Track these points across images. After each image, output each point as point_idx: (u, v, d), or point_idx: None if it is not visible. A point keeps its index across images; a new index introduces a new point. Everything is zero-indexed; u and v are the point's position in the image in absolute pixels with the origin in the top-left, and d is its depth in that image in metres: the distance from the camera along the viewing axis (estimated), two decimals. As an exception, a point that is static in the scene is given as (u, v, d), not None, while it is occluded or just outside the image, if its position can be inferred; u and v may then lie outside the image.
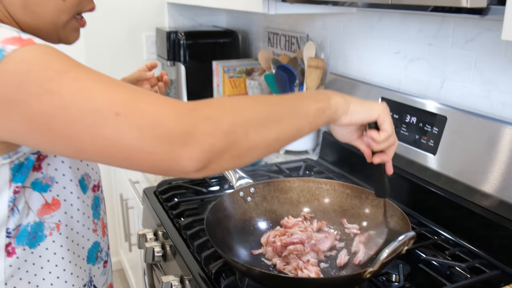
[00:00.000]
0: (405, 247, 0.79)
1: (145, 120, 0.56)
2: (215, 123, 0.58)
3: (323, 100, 0.73)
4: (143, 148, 0.56)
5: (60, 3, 0.74)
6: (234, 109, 0.62)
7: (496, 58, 1.09)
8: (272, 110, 0.66)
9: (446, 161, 1.11)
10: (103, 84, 0.59)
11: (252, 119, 0.63)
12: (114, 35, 2.35)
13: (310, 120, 0.71)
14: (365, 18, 1.49)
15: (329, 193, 1.04)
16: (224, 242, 0.91)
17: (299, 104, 0.71)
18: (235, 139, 0.59)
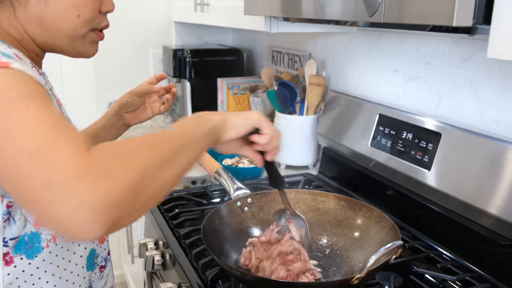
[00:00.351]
0: (393, 256, 0.81)
1: (50, 170, 0.55)
2: (111, 180, 0.56)
3: (207, 123, 0.77)
4: (41, 196, 0.54)
5: (75, 19, 0.79)
6: (131, 159, 0.60)
7: (490, 77, 1.12)
8: (165, 150, 0.66)
9: (440, 176, 1.13)
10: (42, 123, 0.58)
11: (150, 164, 0.61)
12: (123, 51, 2.41)
13: (201, 146, 0.74)
14: (364, 38, 1.53)
15: (324, 204, 1.06)
16: (220, 249, 0.94)
17: (188, 134, 0.73)
18: (135, 191, 0.57)
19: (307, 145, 1.67)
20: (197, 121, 0.77)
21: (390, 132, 1.30)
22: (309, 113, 1.66)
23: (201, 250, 1.07)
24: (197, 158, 0.73)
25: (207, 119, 0.78)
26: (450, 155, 1.11)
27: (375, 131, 1.35)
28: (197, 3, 1.93)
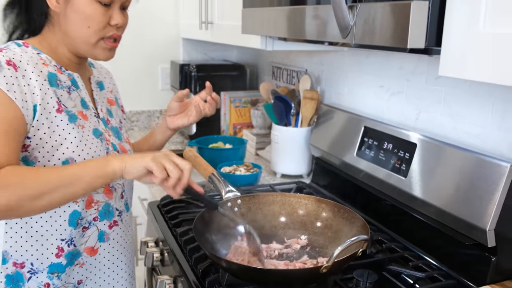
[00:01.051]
0: (360, 249, 0.91)
1: None
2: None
3: (101, 168, 0.94)
4: None
5: (86, 29, 1.04)
6: (15, 187, 0.88)
7: (462, 93, 1.23)
8: (47, 185, 0.90)
9: (415, 183, 1.23)
10: None
11: (27, 194, 0.89)
12: (134, 65, 2.56)
13: (84, 187, 0.94)
14: (355, 56, 1.64)
15: (307, 206, 1.17)
16: (209, 243, 1.05)
17: (76, 174, 0.93)
18: (9, 209, 0.88)
19: (301, 156, 1.77)
20: (95, 165, 0.95)
21: (373, 143, 1.40)
22: (303, 125, 1.77)
23: (195, 246, 1.18)
24: (75, 195, 0.95)
25: (102, 165, 0.95)
26: (424, 163, 1.22)
27: (360, 142, 1.46)
28: (202, 21, 2.07)
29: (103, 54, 1.09)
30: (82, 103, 1.11)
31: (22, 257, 1.04)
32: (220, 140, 1.97)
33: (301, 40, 1.49)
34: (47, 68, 1.04)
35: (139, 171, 0.95)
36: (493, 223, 1.02)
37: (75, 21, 1.04)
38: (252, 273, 0.91)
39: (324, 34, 1.07)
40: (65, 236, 1.06)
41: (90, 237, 1.10)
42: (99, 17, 1.04)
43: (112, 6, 1.06)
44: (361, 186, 1.45)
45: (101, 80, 1.25)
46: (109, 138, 1.15)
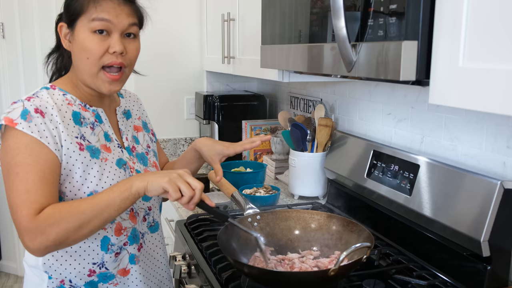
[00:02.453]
0: (364, 256, 1.04)
1: (16, 223, 1.03)
2: (46, 237, 1.00)
3: (126, 191, 1.04)
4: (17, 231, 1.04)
5: (85, 60, 1.11)
6: (60, 225, 1.00)
7: (459, 119, 1.36)
8: (84, 217, 1.02)
9: (419, 201, 1.35)
10: (20, 186, 1.03)
11: (69, 229, 1.01)
12: (161, 96, 2.75)
13: (116, 209, 1.04)
14: (365, 86, 1.79)
15: (319, 221, 1.30)
16: (231, 252, 1.18)
17: (106, 201, 1.03)
18: (60, 243, 1.02)
19: (316, 179, 1.91)
20: (120, 188, 1.05)
21: (381, 165, 1.53)
22: (318, 150, 1.91)
23: (219, 258, 1.32)
24: (110, 218, 1.05)
25: (128, 187, 1.05)
26: (426, 182, 1.34)
27: (370, 164, 1.59)
28: (224, 56, 2.25)
29: (104, 87, 1.14)
30: (105, 137, 1.20)
31: (61, 275, 1.16)
32: (242, 165, 2.12)
33: (315, 73, 1.64)
34: (72, 107, 1.14)
35: (158, 190, 1.05)
36: (487, 234, 1.13)
37: (78, 54, 1.12)
38: (269, 276, 1.04)
39: (334, 69, 1.22)
40: (96, 260, 1.17)
41: (122, 260, 1.21)
42: (95, 47, 1.10)
43: (112, 36, 1.11)
44: (371, 205, 1.57)
45: (129, 109, 1.33)
46: (133, 166, 1.23)
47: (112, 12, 1.11)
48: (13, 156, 1.03)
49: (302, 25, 1.36)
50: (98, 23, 1.10)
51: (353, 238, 1.22)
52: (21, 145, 1.04)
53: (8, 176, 1.04)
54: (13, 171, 1.03)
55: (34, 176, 1.03)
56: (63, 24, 1.16)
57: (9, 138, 1.05)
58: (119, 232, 1.19)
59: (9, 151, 1.04)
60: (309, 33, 1.33)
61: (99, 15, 1.10)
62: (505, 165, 1.21)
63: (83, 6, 1.11)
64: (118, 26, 1.11)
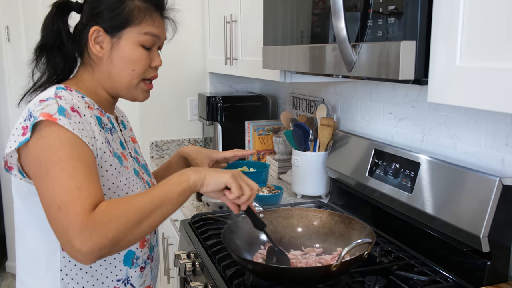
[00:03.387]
0: (365, 252, 1.06)
1: (65, 222, 0.88)
2: (104, 234, 0.88)
3: (184, 183, 0.98)
4: (59, 236, 0.90)
5: (131, 72, 1.11)
6: (120, 220, 0.90)
7: (459, 117, 1.38)
8: (145, 210, 0.93)
9: (420, 198, 1.37)
10: (68, 182, 0.91)
11: (129, 224, 0.90)
12: (165, 98, 2.78)
13: (175, 203, 0.97)
14: (366, 86, 1.81)
15: (321, 219, 1.32)
16: (235, 249, 1.21)
17: (165, 194, 0.96)
18: (118, 241, 0.89)
19: (319, 178, 1.93)
20: (177, 181, 0.99)
21: (382, 163, 1.55)
22: (320, 150, 1.93)
23: (223, 255, 1.34)
24: (169, 212, 0.97)
25: (185, 179, 0.99)
26: (427, 180, 1.36)
27: (371, 163, 1.61)
28: (227, 58, 2.28)
29: (142, 95, 1.15)
30: (121, 144, 1.16)
31: None
32: (245, 165, 2.14)
33: (316, 74, 1.66)
34: (92, 111, 1.07)
35: (218, 185, 1.01)
36: (487, 230, 1.15)
37: (120, 65, 1.09)
38: (273, 272, 1.07)
39: (335, 69, 1.24)
40: (120, 276, 1.10)
41: (147, 277, 1.17)
42: (143, 61, 1.10)
43: (153, 49, 1.13)
44: (373, 204, 1.59)
45: (122, 119, 1.29)
46: (143, 176, 1.20)
47: (162, 29, 1.14)
48: (54, 152, 0.93)
49: (303, 26, 1.39)
50: (150, 39, 1.10)
51: (355, 235, 1.24)
52: (64, 140, 0.94)
53: (49, 174, 0.92)
54: (56, 167, 0.91)
55: (82, 171, 0.93)
56: (99, 29, 1.08)
57: (48, 133, 0.94)
58: (143, 245, 1.15)
59: (48, 146, 0.93)
60: (310, 34, 1.35)
61: (153, 30, 1.11)
62: (504, 162, 1.23)
63: (134, 16, 1.08)
64: (160, 42, 1.15)
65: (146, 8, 1.11)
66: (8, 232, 3.60)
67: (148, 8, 1.11)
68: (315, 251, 1.29)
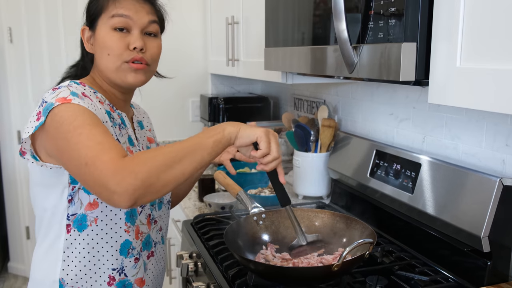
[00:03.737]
0: (367, 252, 1.07)
1: (96, 173, 0.92)
2: (135, 175, 0.90)
3: (218, 133, 1.01)
4: (96, 190, 0.94)
5: (107, 57, 1.13)
6: (149, 162, 0.92)
7: (460, 118, 1.39)
8: (176, 154, 0.95)
9: (421, 199, 1.38)
10: (89, 141, 0.95)
11: (161, 165, 0.93)
12: (167, 99, 2.80)
13: (209, 152, 0.99)
14: (367, 87, 1.82)
15: (323, 220, 1.33)
16: (237, 249, 1.22)
17: (198, 142, 0.99)
18: (150, 183, 0.91)
19: (320, 179, 1.94)
20: (211, 131, 1.02)
21: (384, 164, 1.56)
22: (322, 150, 1.94)
23: (225, 256, 1.35)
24: (203, 161, 0.99)
25: (220, 130, 1.02)
26: (428, 181, 1.37)
27: (373, 164, 1.61)
28: (229, 59, 2.29)
29: (130, 77, 1.14)
30: (129, 141, 1.19)
31: (77, 283, 1.11)
32: (247, 166, 2.15)
33: (318, 75, 1.67)
34: (103, 106, 1.12)
35: (250, 137, 1.04)
36: (487, 230, 1.16)
37: (99, 53, 1.14)
38: (275, 272, 1.08)
39: (336, 70, 1.25)
40: (116, 266, 1.13)
41: (140, 268, 1.19)
42: (115, 43, 1.11)
43: (132, 33, 1.13)
44: (375, 204, 1.60)
45: (141, 120, 1.34)
46: None
47: (132, 9, 1.13)
48: (70, 122, 0.97)
49: (305, 28, 1.40)
50: (118, 20, 1.12)
51: (356, 235, 1.25)
52: (78, 111, 0.99)
53: (70, 142, 0.96)
54: (74, 134, 0.96)
55: (100, 131, 0.97)
56: (85, 28, 1.17)
57: (62, 110, 0.99)
58: (138, 236, 1.18)
59: (64, 120, 0.98)
60: (312, 35, 1.36)
61: (119, 11, 1.12)
62: (504, 162, 1.24)
63: (103, 5, 1.14)
64: (137, 23, 1.13)
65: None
66: (10, 234, 3.61)
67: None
68: (317, 251, 1.29)
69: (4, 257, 3.74)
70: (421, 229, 1.38)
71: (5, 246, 3.70)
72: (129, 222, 1.15)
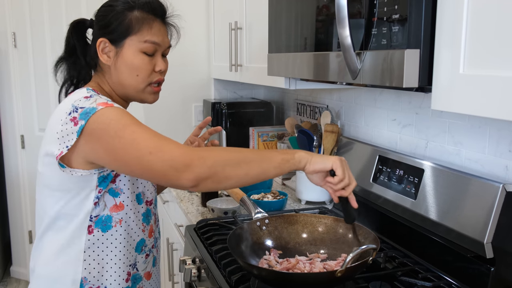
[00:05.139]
0: (370, 257, 1.07)
1: (165, 157, 0.98)
2: (203, 161, 0.97)
3: (288, 153, 1.07)
4: (163, 171, 0.99)
5: (136, 78, 1.19)
6: (218, 153, 1.00)
7: (463, 124, 1.39)
8: (245, 156, 1.03)
9: (424, 205, 1.38)
10: (146, 135, 1.02)
11: (229, 160, 1.00)
12: (170, 104, 2.80)
13: (275, 166, 1.05)
14: (370, 93, 1.83)
15: (326, 225, 1.33)
16: (241, 255, 1.22)
17: (268, 155, 1.06)
18: (215, 171, 0.98)
19: (323, 184, 1.94)
20: (284, 150, 1.10)
21: (386, 170, 1.56)
22: (325, 156, 1.94)
23: (229, 261, 1.35)
24: (267, 172, 1.05)
25: (292, 152, 1.09)
26: (431, 187, 1.37)
27: (375, 169, 1.62)
28: (232, 64, 2.30)
29: (151, 98, 1.24)
30: None
31: (98, 281, 1.17)
32: (249, 171, 2.15)
33: (321, 80, 1.68)
34: None
35: (326, 165, 1.10)
36: (490, 236, 1.16)
37: (125, 71, 1.18)
38: (279, 277, 1.08)
39: (339, 76, 1.25)
40: (131, 261, 1.21)
41: (149, 263, 1.27)
42: (145, 66, 1.18)
43: (156, 55, 1.21)
44: (378, 210, 1.60)
45: None
46: None
47: (160, 35, 1.20)
48: (118, 121, 1.03)
49: (308, 34, 1.40)
50: (150, 46, 1.18)
51: (359, 240, 1.25)
52: (123, 112, 1.05)
53: (123, 138, 1.01)
54: (127, 131, 1.02)
55: (149, 129, 1.04)
56: (105, 40, 1.17)
57: (106, 112, 1.04)
58: (151, 234, 1.27)
59: (111, 119, 1.03)
60: (314, 41, 1.36)
61: (152, 38, 1.18)
62: (508, 168, 1.24)
63: (135, 26, 1.16)
64: (162, 47, 1.22)
65: (145, 18, 1.18)
66: (13, 238, 3.61)
67: (147, 17, 1.18)
68: (320, 257, 1.29)
69: (7, 261, 3.75)
70: (424, 235, 1.38)
71: (7, 250, 3.71)
72: (145, 222, 1.24)
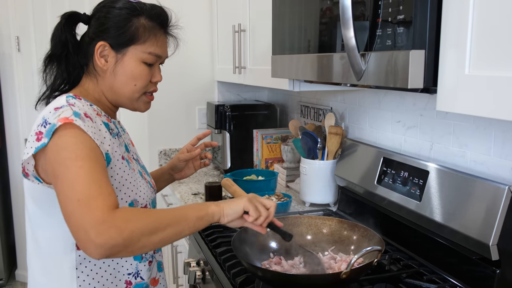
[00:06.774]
0: (375, 259, 1.06)
1: (86, 215, 0.91)
2: (120, 233, 0.90)
3: (202, 210, 1.05)
4: (75, 229, 0.92)
5: (133, 87, 1.16)
6: (136, 222, 0.94)
7: (467, 125, 1.38)
8: (161, 222, 0.98)
9: (428, 207, 1.38)
10: (88, 178, 0.95)
11: (146, 229, 0.94)
12: (173, 107, 2.80)
13: (190, 226, 1.02)
14: (374, 94, 1.82)
15: (330, 227, 1.33)
16: (245, 257, 1.21)
17: (183, 215, 1.02)
18: (130, 243, 0.92)
19: (327, 186, 1.93)
20: (197, 206, 1.06)
21: (391, 172, 1.56)
22: (329, 158, 1.94)
23: (233, 263, 1.35)
24: (182, 233, 1.02)
25: (204, 207, 1.06)
26: (435, 188, 1.36)
27: (380, 171, 1.61)
28: (235, 66, 2.30)
29: (144, 107, 1.22)
30: (126, 147, 1.22)
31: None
32: (253, 173, 2.15)
33: (325, 82, 1.68)
34: (101, 118, 1.13)
35: (237, 212, 1.09)
36: (496, 238, 1.15)
37: (123, 79, 1.14)
38: (283, 279, 1.07)
39: (343, 77, 1.25)
40: (131, 270, 1.17)
41: (153, 269, 1.24)
42: (145, 76, 1.16)
43: (154, 66, 1.19)
44: (382, 212, 1.60)
45: (121, 125, 1.32)
46: (145, 177, 1.25)
47: (164, 47, 1.19)
48: (73, 150, 0.98)
49: (311, 35, 1.40)
50: (153, 58, 1.16)
51: (364, 242, 1.25)
52: (81, 140, 0.99)
53: (68, 170, 0.96)
54: (75, 164, 0.96)
55: (99, 171, 0.98)
56: (105, 44, 1.13)
57: (65, 134, 0.99)
58: None
59: (66, 146, 0.98)
60: (318, 43, 1.36)
61: (156, 50, 1.16)
62: (513, 170, 1.23)
63: (140, 35, 1.13)
64: (162, 59, 1.21)
65: (151, 27, 1.16)
66: (18, 242, 3.62)
67: (153, 27, 1.16)
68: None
69: (12, 265, 3.75)
70: (429, 237, 1.37)
71: (12, 254, 3.71)
72: None
